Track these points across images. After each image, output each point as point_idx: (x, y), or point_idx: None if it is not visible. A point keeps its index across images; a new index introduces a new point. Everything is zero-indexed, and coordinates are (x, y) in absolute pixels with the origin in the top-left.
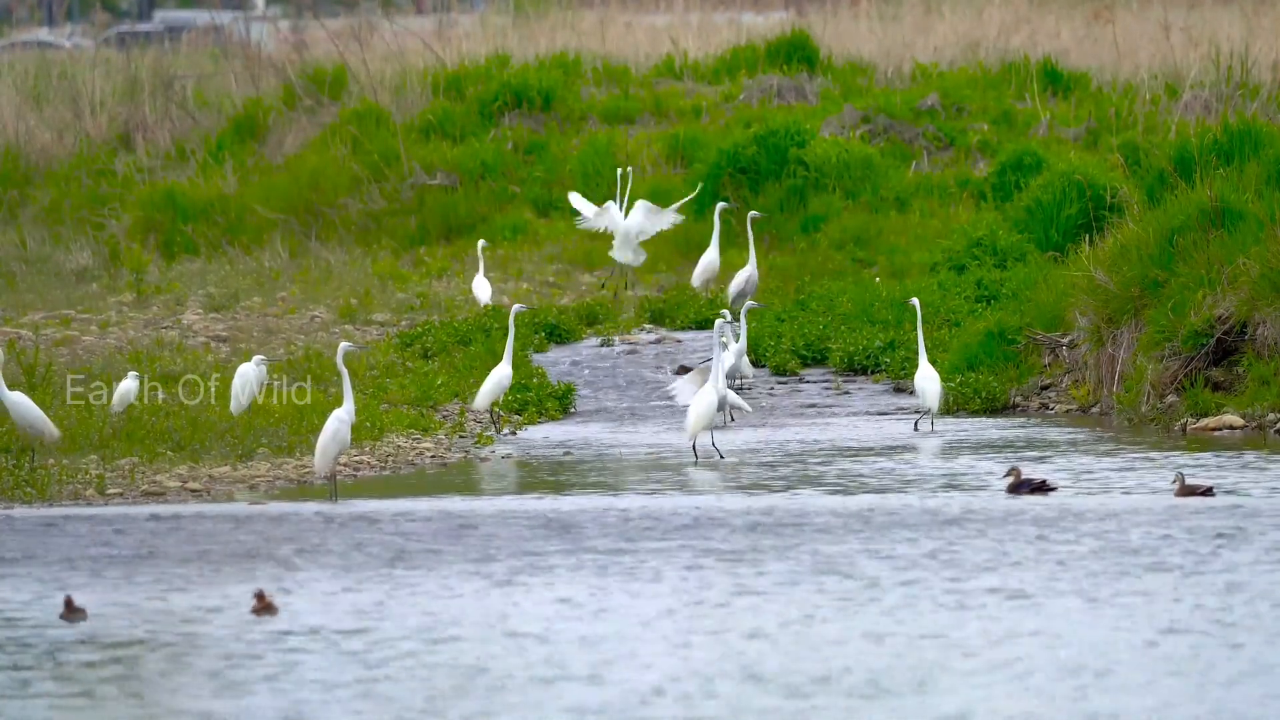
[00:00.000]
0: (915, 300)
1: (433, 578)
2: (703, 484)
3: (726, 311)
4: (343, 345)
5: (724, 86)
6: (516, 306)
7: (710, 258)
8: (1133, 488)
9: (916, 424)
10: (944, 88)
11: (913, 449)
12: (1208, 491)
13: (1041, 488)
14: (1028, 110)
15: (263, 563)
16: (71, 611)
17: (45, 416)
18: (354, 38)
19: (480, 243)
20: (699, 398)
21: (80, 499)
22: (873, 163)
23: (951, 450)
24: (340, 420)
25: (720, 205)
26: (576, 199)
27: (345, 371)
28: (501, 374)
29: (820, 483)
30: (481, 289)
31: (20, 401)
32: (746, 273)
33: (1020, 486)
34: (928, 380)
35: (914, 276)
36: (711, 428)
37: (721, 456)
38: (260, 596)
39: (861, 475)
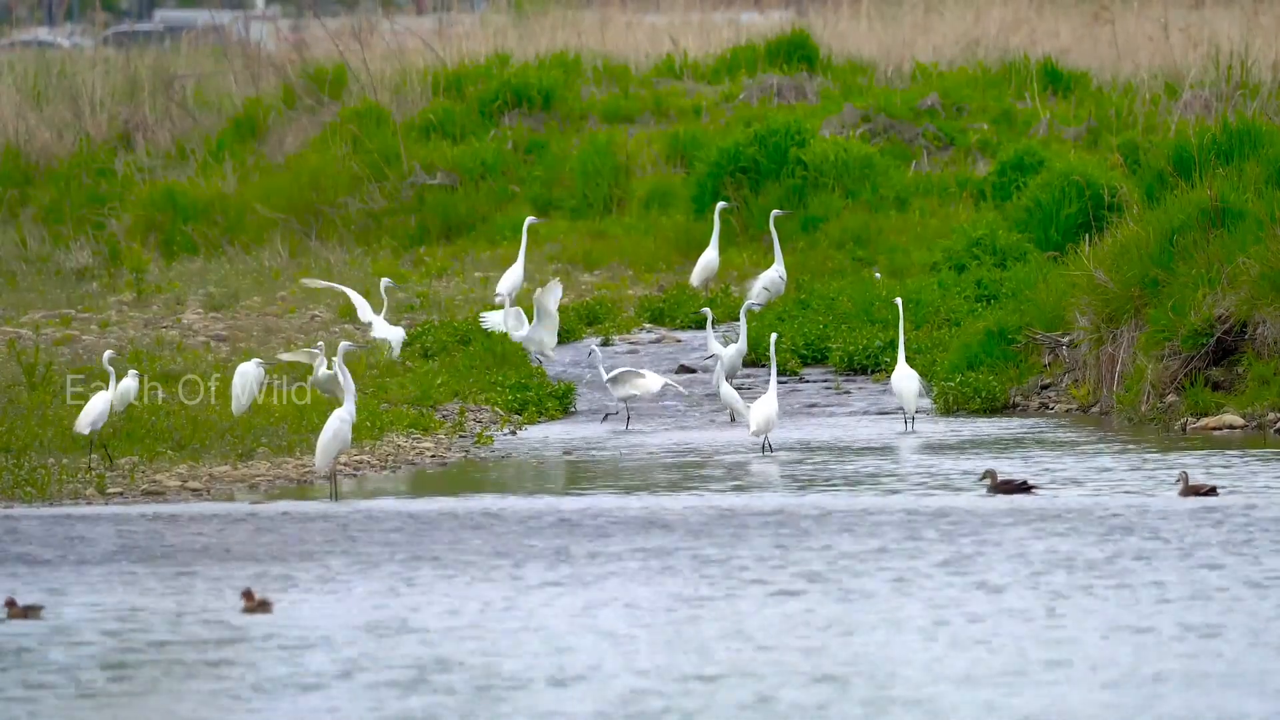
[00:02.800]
0: (899, 300)
1: (432, 577)
2: (704, 484)
3: (707, 309)
4: (343, 345)
5: (724, 86)
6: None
7: (709, 257)
8: (1134, 487)
9: (906, 424)
10: (944, 87)
11: (908, 449)
12: (1211, 491)
13: (1022, 488)
14: (1028, 110)
15: (262, 562)
16: (20, 612)
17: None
18: (354, 37)
19: (528, 220)
20: (762, 402)
21: (80, 498)
22: (873, 162)
23: (950, 450)
24: (342, 420)
25: (720, 205)
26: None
27: (347, 372)
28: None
29: (820, 482)
30: (506, 280)
31: (105, 401)
32: (775, 272)
33: (1001, 488)
34: (904, 380)
35: (914, 276)
36: (771, 428)
37: (772, 451)
38: (249, 595)
39: (860, 475)
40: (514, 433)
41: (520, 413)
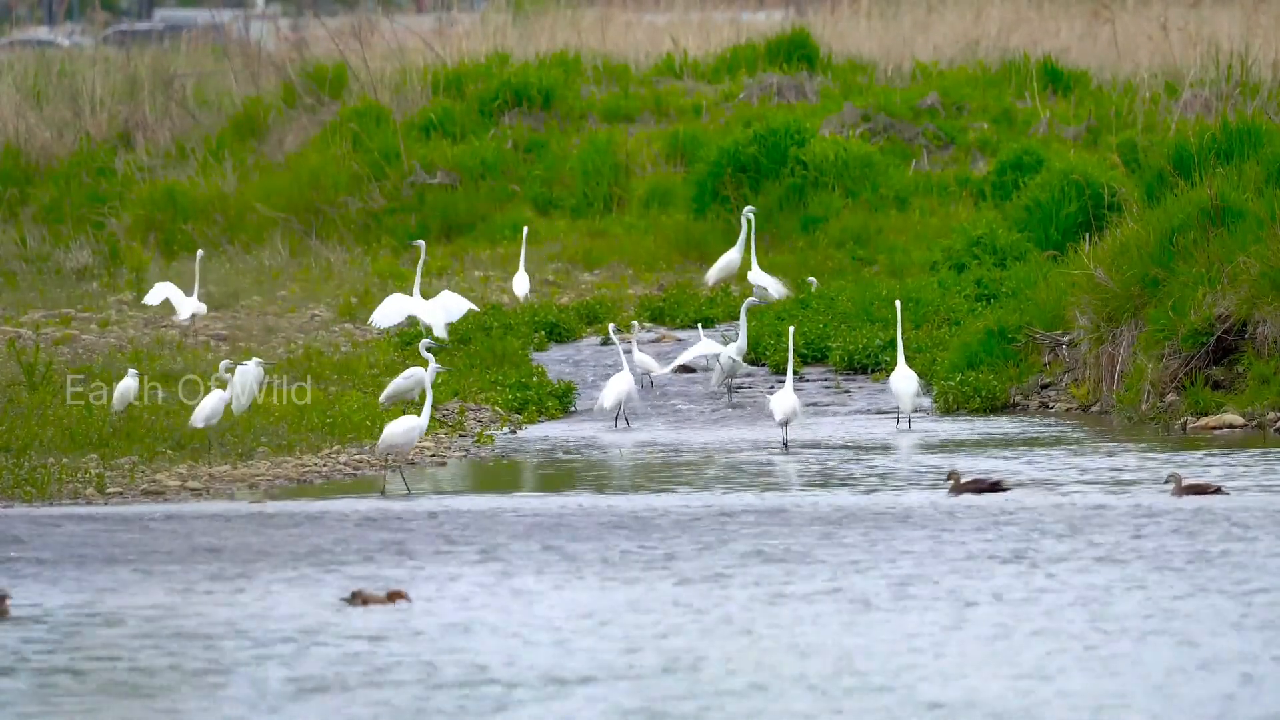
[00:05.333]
0: (898, 303)
1: (433, 576)
2: (703, 483)
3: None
4: (433, 366)
5: (724, 85)
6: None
7: (732, 257)
8: (1132, 486)
9: (901, 423)
10: (944, 86)
11: (907, 448)
12: (1209, 490)
13: (994, 488)
14: (1027, 109)
15: (275, 560)
16: None
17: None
18: (354, 36)
19: (525, 229)
20: (783, 393)
21: (80, 498)
22: (872, 161)
23: (944, 449)
24: (420, 428)
25: (749, 209)
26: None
27: (430, 390)
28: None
29: (818, 482)
30: (520, 284)
31: (220, 400)
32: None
33: (968, 488)
34: (901, 380)
35: (914, 275)
36: (790, 422)
37: (786, 449)
38: (397, 594)
39: (858, 474)
40: (514, 432)
41: (520, 412)
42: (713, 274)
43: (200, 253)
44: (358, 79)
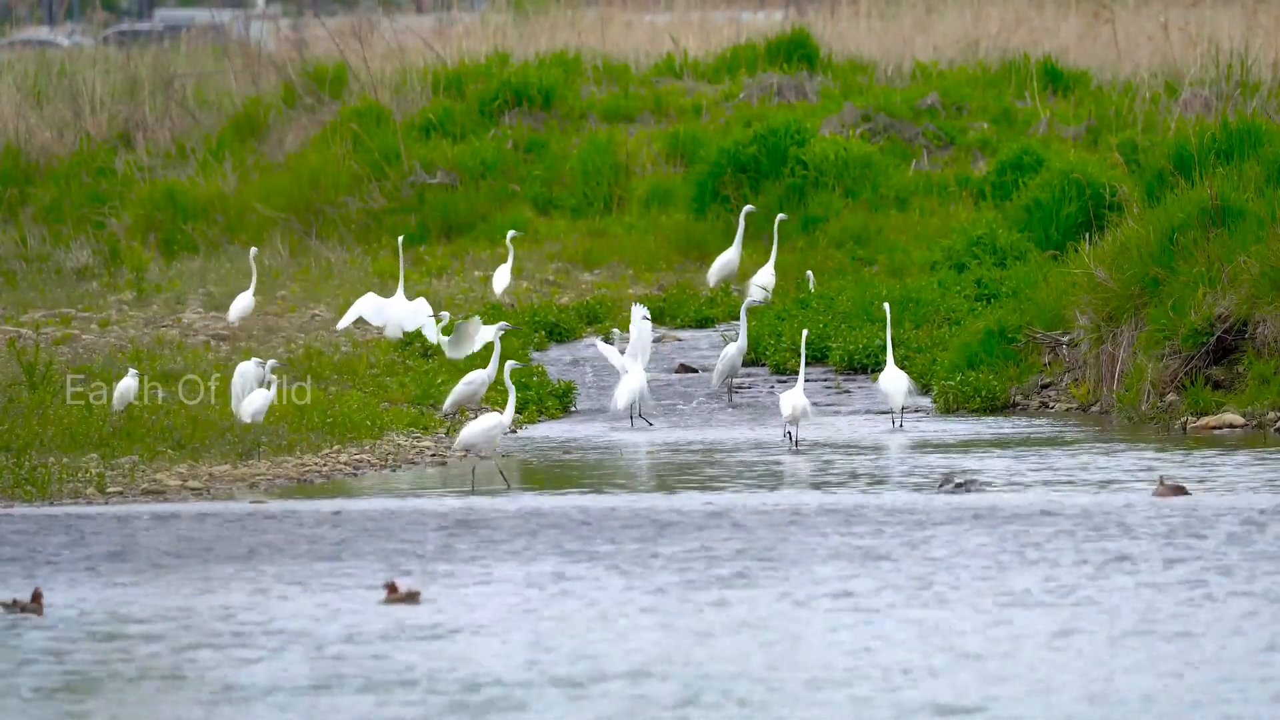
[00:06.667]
0: (886, 305)
1: (436, 575)
2: (707, 483)
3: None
4: (509, 364)
5: (724, 85)
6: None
7: (730, 256)
8: (1130, 486)
9: (895, 422)
10: (944, 86)
11: (908, 449)
12: (1183, 489)
13: (970, 486)
14: (1027, 109)
15: (386, 558)
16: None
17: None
18: (354, 36)
19: (510, 233)
20: (792, 392)
21: (80, 497)
22: (872, 161)
23: (947, 448)
24: (503, 427)
25: (747, 208)
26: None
27: (512, 385)
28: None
29: (822, 481)
30: (499, 280)
31: (262, 399)
32: (768, 273)
33: (946, 485)
34: (890, 380)
35: (914, 275)
36: (797, 422)
37: (796, 446)
38: (392, 587)
39: (860, 473)
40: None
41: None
42: (713, 275)
43: (254, 250)
44: (358, 79)
